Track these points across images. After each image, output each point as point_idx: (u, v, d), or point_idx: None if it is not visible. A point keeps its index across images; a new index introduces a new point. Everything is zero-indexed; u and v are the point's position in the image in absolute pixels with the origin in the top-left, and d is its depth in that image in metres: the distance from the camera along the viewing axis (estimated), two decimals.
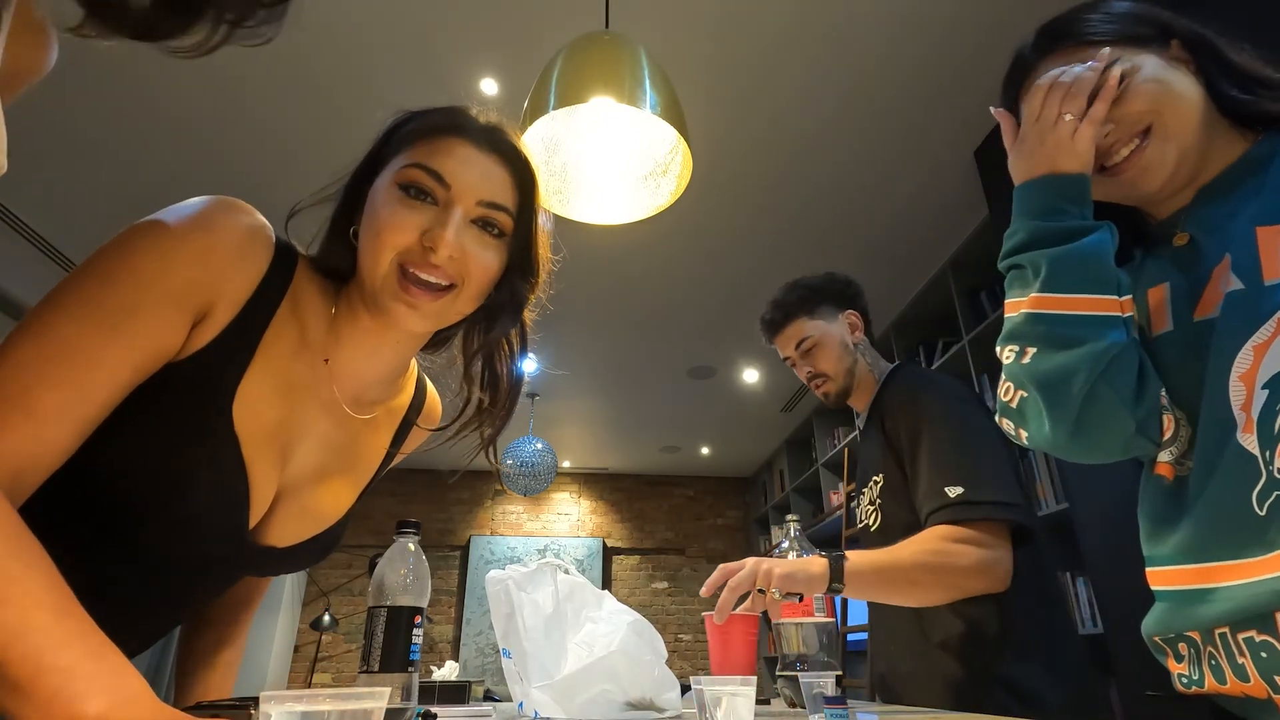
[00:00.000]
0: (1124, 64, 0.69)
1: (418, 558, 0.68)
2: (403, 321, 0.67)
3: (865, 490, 1.33)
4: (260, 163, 2.71)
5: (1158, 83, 0.69)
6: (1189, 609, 0.63)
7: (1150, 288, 0.73)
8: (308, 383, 0.69)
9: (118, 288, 0.55)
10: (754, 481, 6.68)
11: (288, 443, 0.68)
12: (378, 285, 0.66)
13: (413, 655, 0.65)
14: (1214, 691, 0.64)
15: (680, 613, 6.25)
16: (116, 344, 0.54)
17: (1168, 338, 0.69)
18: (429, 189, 0.66)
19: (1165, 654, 0.69)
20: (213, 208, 0.61)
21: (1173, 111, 0.68)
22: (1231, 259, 0.64)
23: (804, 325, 1.37)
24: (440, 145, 0.68)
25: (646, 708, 0.82)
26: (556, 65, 1.22)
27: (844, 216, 3.08)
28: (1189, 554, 0.63)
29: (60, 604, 0.45)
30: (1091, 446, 0.70)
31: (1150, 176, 0.70)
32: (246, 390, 0.63)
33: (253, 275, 0.63)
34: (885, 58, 2.30)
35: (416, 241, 0.65)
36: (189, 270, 0.58)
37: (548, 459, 4.74)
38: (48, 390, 0.50)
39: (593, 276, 3.51)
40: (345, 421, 0.73)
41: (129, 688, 0.44)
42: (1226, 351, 0.61)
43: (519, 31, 2.19)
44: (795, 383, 4.73)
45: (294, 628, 5.54)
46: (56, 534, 0.47)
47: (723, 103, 2.47)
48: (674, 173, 1.31)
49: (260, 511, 0.67)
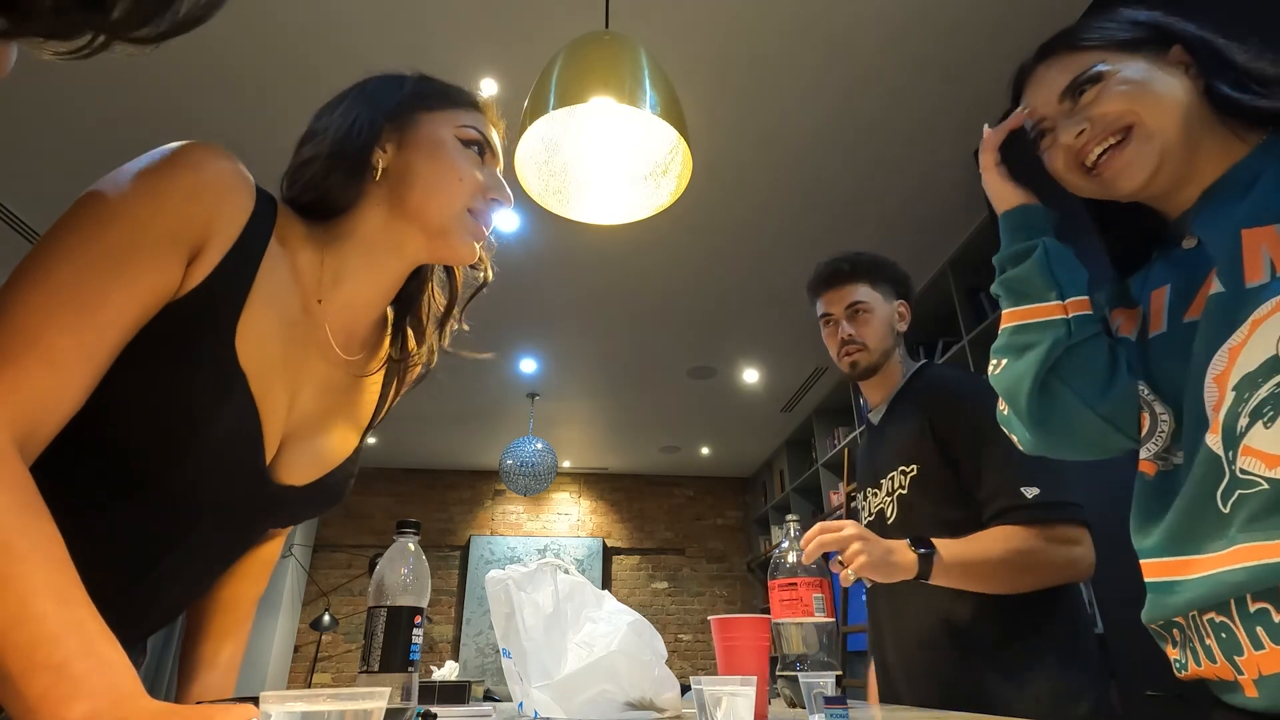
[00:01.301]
0: (1105, 67, 0.72)
1: (418, 558, 0.68)
2: (467, 254, 0.78)
3: (883, 482, 1.31)
4: (259, 163, 2.71)
5: (1134, 84, 0.70)
6: (1166, 597, 0.66)
7: (1155, 289, 0.75)
8: (302, 322, 0.70)
9: (115, 229, 0.55)
10: (754, 481, 6.68)
11: (290, 382, 0.68)
12: (448, 222, 0.75)
13: (413, 655, 0.65)
14: (1196, 675, 0.66)
15: (680, 613, 6.25)
16: (121, 284, 0.54)
17: (1160, 338, 0.72)
18: (484, 149, 0.79)
19: (1165, 640, 0.71)
20: (196, 149, 0.61)
21: (1152, 111, 0.69)
22: (1218, 266, 0.65)
23: (864, 289, 1.37)
24: (479, 118, 0.81)
25: (646, 708, 0.82)
26: (556, 65, 1.22)
27: (844, 216, 3.08)
28: (1168, 547, 0.66)
29: (63, 588, 0.44)
30: (1063, 443, 0.78)
31: (1129, 175, 0.71)
32: (247, 324, 0.63)
33: (241, 213, 0.64)
34: (885, 58, 2.30)
35: (481, 188, 0.77)
36: (183, 207, 0.58)
37: (548, 459, 4.74)
38: (61, 335, 0.50)
39: (593, 276, 3.51)
40: (340, 364, 0.75)
41: (119, 686, 0.44)
42: (1205, 353, 0.63)
43: (519, 31, 2.19)
44: (795, 382, 4.73)
45: (294, 628, 5.54)
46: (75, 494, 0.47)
47: (723, 102, 2.47)
48: (674, 172, 1.31)
49: (272, 450, 0.67)
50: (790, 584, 1.01)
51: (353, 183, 0.72)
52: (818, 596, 0.97)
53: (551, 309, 3.82)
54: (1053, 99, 0.76)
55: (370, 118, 0.74)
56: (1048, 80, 0.77)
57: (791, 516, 1.10)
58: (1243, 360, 0.60)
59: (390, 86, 0.78)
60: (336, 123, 0.74)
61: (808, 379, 4.66)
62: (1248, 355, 0.59)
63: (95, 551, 0.47)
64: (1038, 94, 0.78)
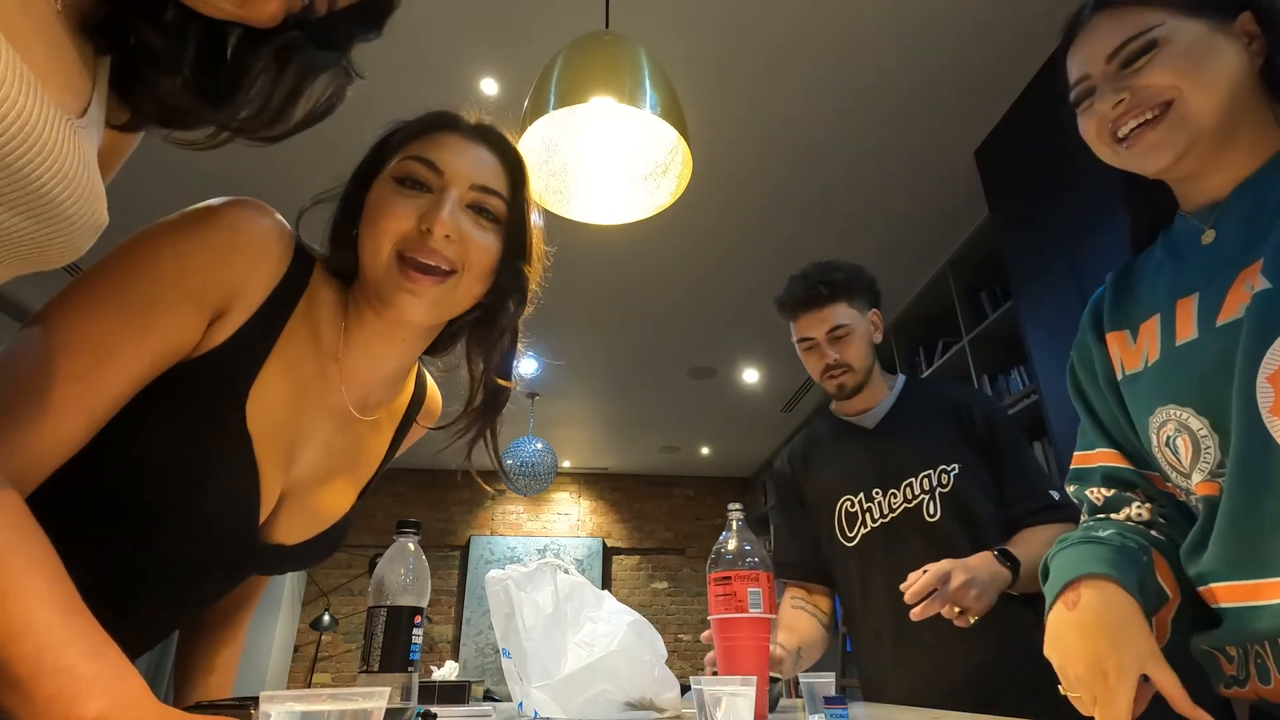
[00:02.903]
0: (1163, 31, 0.66)
1: (418, 558, 0.68)
2: (406, 311, 0.67)
3: (908, 482, 1.30)
4: (258, 162, 2.70)
5: (1187, 58, 0.65)
6: (1248, 624, 0.60)
7: (1180, 299, 0.69)
8: (317, 384, 0.69)
9: (136, 283, 0.56)
10: (754, 481, 6.68)
11: (293, 442, 0.68)
12: (380, 276, 0.66)
13: (413, 655, 0.65)
14: (1256, 694, 0.63)
15: (680, 613, 6.25)
16: (132, 339, 0.54)
17: (1191, 345, 0.66)
18: (424, 179, 0.68)
19: (1215, 659, 0.67)
20: (235, 207, 0.61)
21: (1196, 91, 0.65)
22: (1264, 262, 0.61)
23: (843, 310, 1.35)
24: (432, 139, 0.70)
25: (646, 708, 0.82)
26: (557, 65, 1.22)
27: (844, 216, 3.08)
28: (1235, 568, 0.61)
29: (64, 600, 0.45)
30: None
31: (1156, 156, 0.68)
32: (260, 390, 0.63)
33: (272, 275, 0.64)
34: (886, 59, 2.30)
35: (414, 227, 0.66)
36: (209, 268, 0.59)
37: (548, 459, 4.74)
38: (62, 384, 0.51)
39: (593, 276, 3.51)
40: (350, 423, 0.74)
41: (127, 689, 0.44)
42: (1253, 353, 0.59)
43: (519, 31, 2.19)
44: (795, 382, 4.73)
45: (294, 628, 5.54)
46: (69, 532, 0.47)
47: (723, 102, 2.47)
48: (674, 172, 1.31)
49: (267, 510, 0.67)
50: (725, 578, 0.93)
51: (350, 252, 0.70)
52: (753, 591, 0.90)
53: (551, 309, 3.81)
54: (1101, 56, 0.70)
55: (351, 190, 0.72)
56: (1101, 33, 0.71)
57: (734, 506, 1.01)
58: None
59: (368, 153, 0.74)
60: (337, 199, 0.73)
61: (808, 379, 4.66)
62: None
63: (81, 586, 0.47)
64: (1087, 46, 0.72)
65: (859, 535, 1.33)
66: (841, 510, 1.37)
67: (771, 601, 0.92)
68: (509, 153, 0.74)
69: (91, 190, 0.39)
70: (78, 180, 0.38)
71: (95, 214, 0.40)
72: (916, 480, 1.30)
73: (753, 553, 0.93)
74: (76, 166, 0.37)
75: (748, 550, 0.93)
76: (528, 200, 0.75)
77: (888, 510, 1.32)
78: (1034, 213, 2.29)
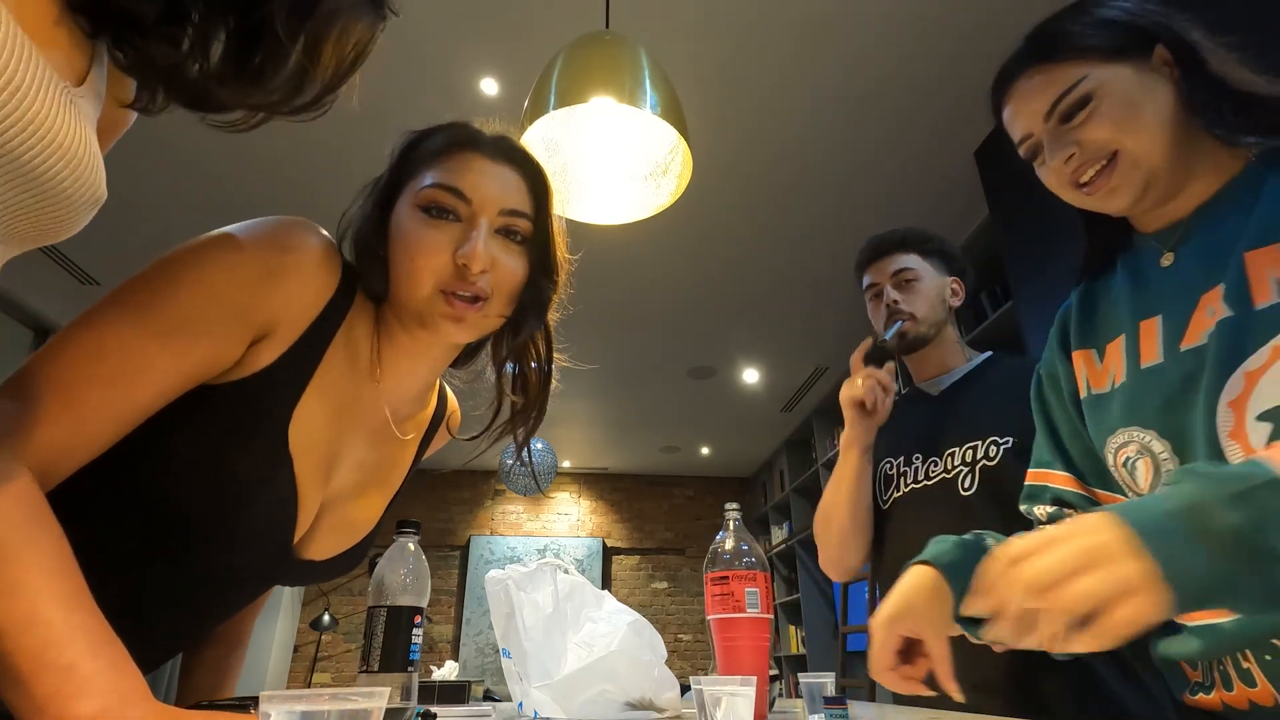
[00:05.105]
0: (1091, 84, 0.69)
1: (418, 558, 0.68)
2: (450, 336, 0.69)
3: (951, 452, 1.25)
4: (258, 162, 2.71)
5: (1123, 108, 0.68)
6: (1212, 640, 0.62)
7: (1143, 320, 0.72)
8: (354, 404, 0.70)
9: (181, 297, 0.55)
10: (754, 481, 6.68)
11: (331, 461, 0.69)
12: (421, 308, 0.67)
13: (412, 655, 0.65)
14: (1219, 702, 0.63)
15: (680, 613, 6.25)
16: (169, 352, 0.54)
17: (1156, 370, 0.68)
18: (451, 207, 0.67)
19: (1179, 666, 0.68)
20: (288, 228, 0.62)
21: (1137, 138, 0.68)
22: (1224, 287, 0.63)
23: (912, 258, 1.32)
24: (455, 162, 0.69)
25: (646, 708, 0.82)
26: (557, 65, 1.22)
27: (844, 216, 3.08)
28: None
29: (70, 595, 0.45)
30: None
31: (1117, 197, 0.71)
32: (303, 411, 0.64)
33: (319, 298, 0.64)
34: (889, 61, 2.30)
35: (450, 261, 0.66)
36: (259, 287, 0.59)
37: (548, 459, 4.74)
38: (93, 388, 0.51)
39: (593, 276, 3.51)
40: (384, 439, 0.75)
41: (126, 687, 0.44)
42: (1216, 378, 0.61)
43: (519, 31, 2.19)
44: (795, 382, 4.73)
45: (294, 628, 5.54)
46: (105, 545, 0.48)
47: (723, 102, 2.47)
48: (674, 172, 1.31)
49: (304, 528, 0.68)
50: (722, 578, 0.93)
51: (380, 274, 0.69)
52: (750, 591, 0.90)
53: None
54: (1039, 113, 0.73)
55: (374, 211, 0.71)
56: (1032, 91, 0.74)
57: (731, 505, 1.00)
58: (1266, 385, 0.57)
59: (389, 170, 0.73)
60: (356, 216, 0.72)
61: (808, 379, 4.66)
62: (1274, 380, 0.56)
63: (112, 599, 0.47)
64: (1023, 104, 0.75)
65: (890, 499, 1.30)
66: (881, 472, 1.34)
67: (769, 601, 0.91)
68: (531, 169, 0.74)
69: (89, 162, 0.38)
70: (74, 152, 0.36)
71: (93, 187, 0.39)
72: (960, 451, 1.24)
73: (750, 552, 0.93)
74: (74, 138, 0.36)
75: (745, 550, 0.93)
76: (551, 212, 0.76)
77: (922, 477, 1.27)
78: (1034, 213, 2.29)
